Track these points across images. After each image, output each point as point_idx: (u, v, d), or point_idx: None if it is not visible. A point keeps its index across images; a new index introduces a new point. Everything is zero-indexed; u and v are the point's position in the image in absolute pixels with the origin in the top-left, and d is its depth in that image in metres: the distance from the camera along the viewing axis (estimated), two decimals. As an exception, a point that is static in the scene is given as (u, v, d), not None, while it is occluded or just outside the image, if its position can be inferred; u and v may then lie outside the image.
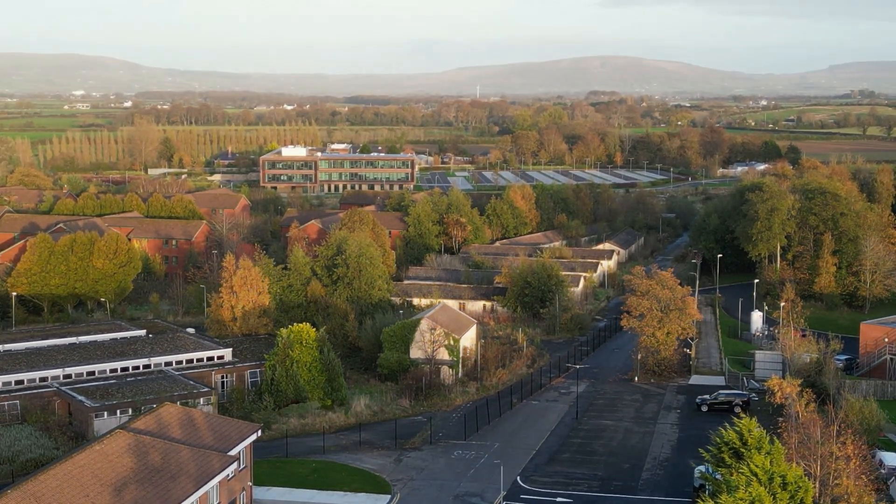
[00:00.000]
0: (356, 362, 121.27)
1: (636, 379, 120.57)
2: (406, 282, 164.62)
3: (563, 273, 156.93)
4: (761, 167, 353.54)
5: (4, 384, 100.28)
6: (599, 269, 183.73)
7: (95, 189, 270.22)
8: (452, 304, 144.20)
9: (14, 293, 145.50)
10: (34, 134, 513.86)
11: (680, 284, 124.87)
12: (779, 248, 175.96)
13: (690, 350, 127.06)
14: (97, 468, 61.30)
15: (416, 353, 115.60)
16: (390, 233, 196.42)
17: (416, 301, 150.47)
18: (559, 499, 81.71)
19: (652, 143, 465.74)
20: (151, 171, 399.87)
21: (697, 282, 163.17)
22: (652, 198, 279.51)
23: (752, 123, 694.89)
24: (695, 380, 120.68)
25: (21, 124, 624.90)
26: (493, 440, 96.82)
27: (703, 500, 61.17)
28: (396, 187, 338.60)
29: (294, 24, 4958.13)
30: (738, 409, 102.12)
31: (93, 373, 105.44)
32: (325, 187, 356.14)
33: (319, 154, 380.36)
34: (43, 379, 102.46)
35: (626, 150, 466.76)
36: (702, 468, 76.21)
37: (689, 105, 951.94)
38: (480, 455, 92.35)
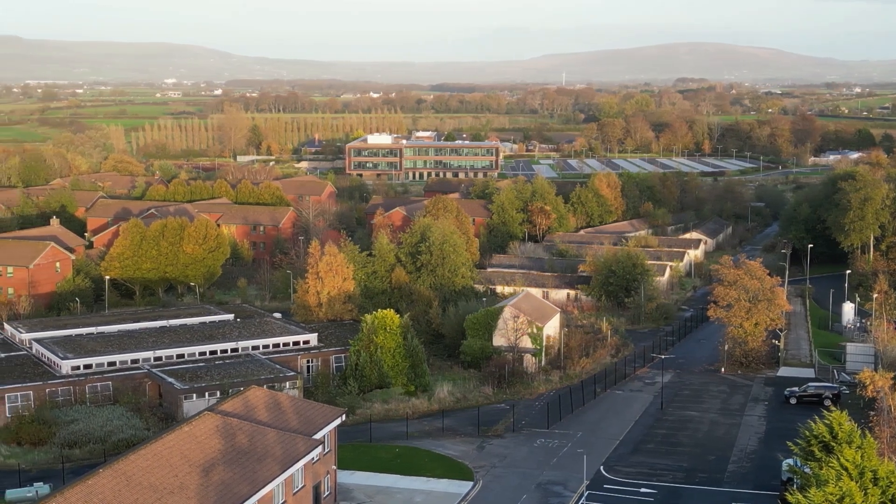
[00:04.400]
0: (439, 349, 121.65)
1: (723, 370, 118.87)
2: (489, 269, 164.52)
3: (649, 262, 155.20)
4: (854, 156, 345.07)
5: (97, 366, 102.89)
6: (686, 258, 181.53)
7: (186, 175, 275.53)
8: (536, 292, 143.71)
9: (107, 277, 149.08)
10: (127, 121, 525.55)
11: (769, 274, 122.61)
12: (872, 238, 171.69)
13: (779, 341, 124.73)
14: (186, 449, 62.53)
15: (499, 340, 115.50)
16: (474, 220, 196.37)
17: (499, 289, 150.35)
18: (643, 489, 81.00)
19: (741, 130, 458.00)
20: (240, 158, 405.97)
21: (787, 272, 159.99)
22: (741, 186, 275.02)
23: (846, 111, 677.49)
24: (783, 371, 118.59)
25: (115, 112, 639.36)
26: (577, 429, 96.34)
27: (791, 494, 60.06)
28: (481, 175, 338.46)
29: (381, 12, 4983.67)
30: (827, 402, 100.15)
31: (182, 355, 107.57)
32: (410, 175, 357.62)
33: (404, 142, 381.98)
34: (134, 361, 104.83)
35: (714, 137, 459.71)
36: (790, 461, 74.98)
37: (779, 92, 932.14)
38: (563, 444, 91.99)
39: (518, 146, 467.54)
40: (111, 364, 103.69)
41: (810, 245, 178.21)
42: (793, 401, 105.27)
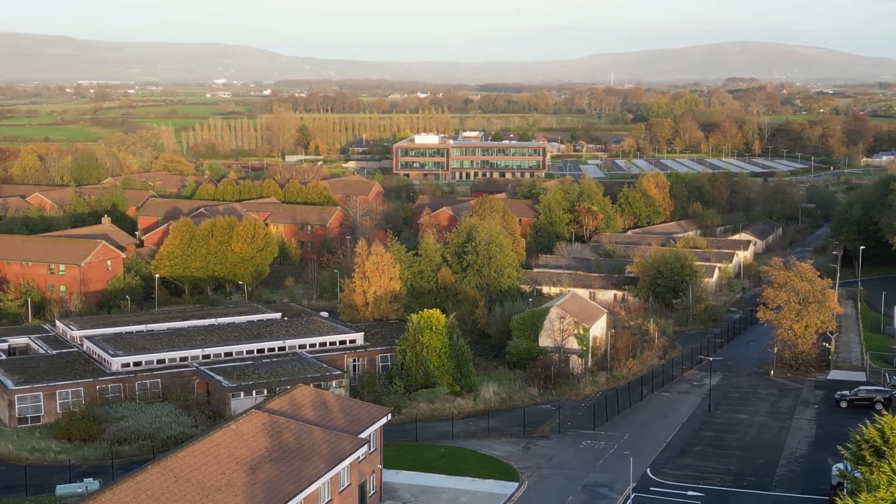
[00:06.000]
0: (485, 349, 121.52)
1: (772, 373, 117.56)
2: (535, 270, 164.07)
3: (697, 263, 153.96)
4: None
5: (147, 363, 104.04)
6: (735, 259, 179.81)
7: (235, 175, 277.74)
8: (582, 292, 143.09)
9: (157, 275, 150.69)
10: (178, 121, 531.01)
11: (820, 276, 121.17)
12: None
13: (830, 344, 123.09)
14: (233, 447, 63.00)
15: (545, 341, 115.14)
16: (520, 220, 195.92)
17: (545, 289, 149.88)
18: (690, 492, 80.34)
19: (792, 130, 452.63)
20: (288, 158, 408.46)
21: (838, 274, 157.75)
22: (791, 187, 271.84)
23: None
24: (834, 375, 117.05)
25: (165, 112, 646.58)
26: (623, 431, 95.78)
27: (841, 499, 59.20)
28: (527, 175, 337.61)
29: (429, 12, 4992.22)
30: (879, 406, 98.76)
31: (230, 354, 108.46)
32: (457, 175, 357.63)
33: (451, 142, 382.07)
34: (183, 359, 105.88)
35: (764, 138, 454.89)
36: (840, 466, 73.90)
37: (831, 92, 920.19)
38: (609, 446, 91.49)
39: (565, 146, 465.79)
40: (160, 362, 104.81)
41: (862, 247, 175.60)
42: (843, 404, 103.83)
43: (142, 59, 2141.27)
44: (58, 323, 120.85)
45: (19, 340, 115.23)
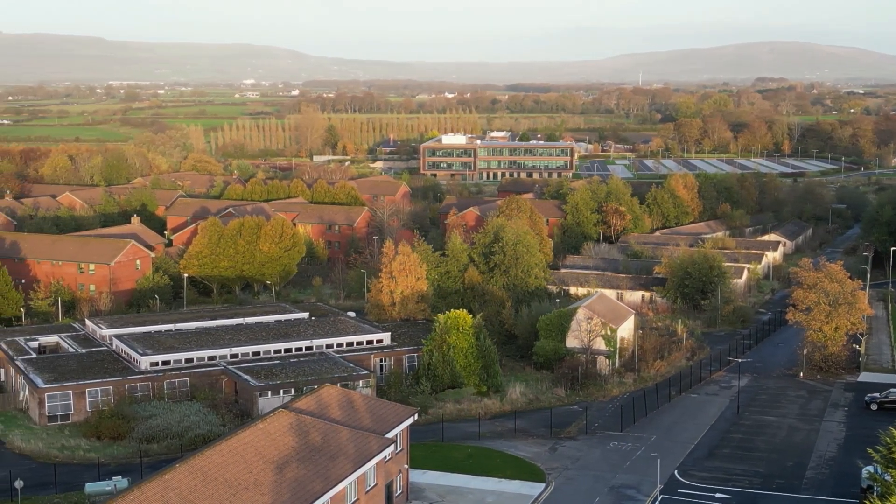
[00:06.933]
0: (512, 350, 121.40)
1: (801, 375, 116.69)
2: (563, 270, 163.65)
3: (726, 264, 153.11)
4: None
5: (175, 362, 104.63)
6: (764, 260, 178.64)
7: (263, 175, 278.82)
8: (610, 293, 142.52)
9: (186, 275, 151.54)
10: (206, 121, 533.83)
11: (850, 278, 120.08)
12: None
13: (860, 346, 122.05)
14: (260, 446, 63.23)
15: (572, 342, 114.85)
16: (548, 221, 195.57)
17: (572, 290, 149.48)
18: (718, 494, 79.88)
19: (822, 131, 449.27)
20: (316, 158, 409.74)
21: (868, 275, 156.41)
22: (821, 188, 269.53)
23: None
24: (864, 377, 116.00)
25: (194, 112, 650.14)
26: (651, 433, 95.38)
27: (870, 502, 58.69)
28: (555, 175, 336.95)
29: (456, 12, 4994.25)
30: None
31: (258, 353, 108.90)
32: (484, 175, 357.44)
33: (479, 142, 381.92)
34: (211, 358, 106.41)
35: (794, 138, 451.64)
36: (870, 468, 73.24)
37: (862, 92, 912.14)
38: (637, 447, 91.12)
39: (593, 146, 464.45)
40: (188, 361, 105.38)
41: (893, 248, 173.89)
42: (874, 407, 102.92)
43: (171, 60, 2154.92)
44: (87, 322, 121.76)
45: (49, 339, 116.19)
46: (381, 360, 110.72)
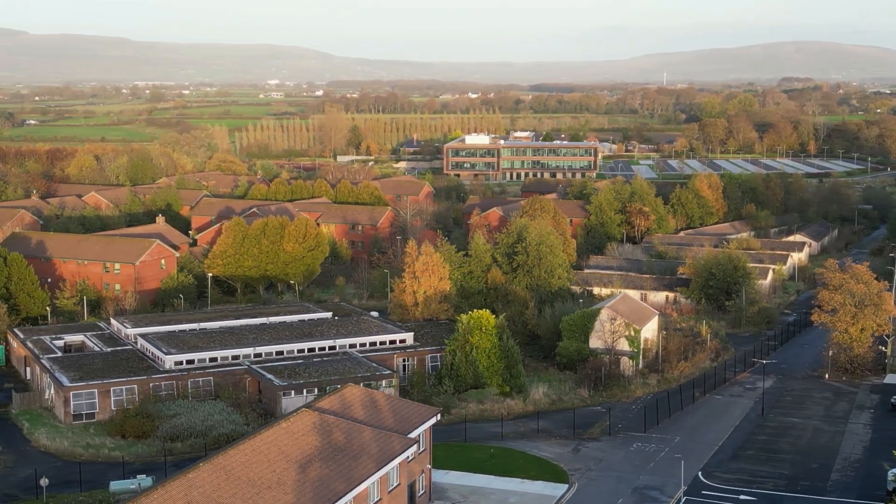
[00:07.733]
0: (535, 350, 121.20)
1: (827, 376, 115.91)
2: (586, 271, 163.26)
3: (751, 265, 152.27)
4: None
5: (199, 361, 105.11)
6: (789, 261, 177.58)
7: (287, 175, 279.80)
8: (634, 294, 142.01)
9: (210, 274, 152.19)
10: (231, 122, 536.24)
11: (876, 279, 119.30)
12: None
13: (886, 347, 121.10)
14: (284, 445, 63.41)
15: (595, 342, 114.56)
16: (571, 221, 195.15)
17: (596, 290, 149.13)
18: (742, 496, 79.48)
19: (848, 131, 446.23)
20: (340, 158, 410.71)
21: (895, 276, 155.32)
22: (847, 188, 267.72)
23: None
24: (890, 379, 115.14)
25: (219, 112, 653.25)
26: (674, 434, 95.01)
27: (897, 506, 58.28)
28: (579, 175, 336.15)
29: (480, 12, 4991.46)
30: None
31: (281, 352, 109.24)
32: (508, 175, 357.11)
33: (502, 142, 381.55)
34: (235, 357, 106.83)
35: (820, 138, 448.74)
36: (896, 472, 72.74)
37: (889, 92, 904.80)
38: (660, 448, 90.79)
39: (617, 146, 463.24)
40: (212, 360, 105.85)
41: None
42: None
43: (196, 60, 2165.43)
44: (112, 321, 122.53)
45: (75, 338, 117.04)
46: (403, 360, 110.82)
